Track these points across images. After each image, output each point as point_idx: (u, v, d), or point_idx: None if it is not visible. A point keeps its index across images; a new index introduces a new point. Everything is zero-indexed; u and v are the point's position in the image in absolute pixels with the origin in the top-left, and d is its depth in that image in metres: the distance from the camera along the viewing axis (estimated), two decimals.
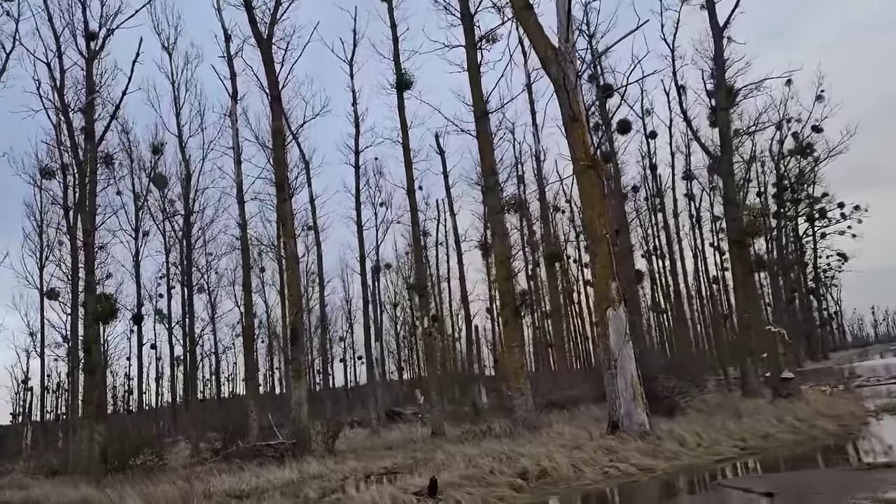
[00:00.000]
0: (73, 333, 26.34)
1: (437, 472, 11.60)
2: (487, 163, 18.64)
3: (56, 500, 12.87)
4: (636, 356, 12.07)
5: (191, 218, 30.41)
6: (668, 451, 9.86)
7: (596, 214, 12.48)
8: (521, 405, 17.15)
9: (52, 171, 28.60)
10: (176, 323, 43.05)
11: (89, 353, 21.18)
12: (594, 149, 12.75)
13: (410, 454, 16.37)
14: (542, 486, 8.92)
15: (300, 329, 19.09)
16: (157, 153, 35.68)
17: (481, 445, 14.45)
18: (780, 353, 15.77)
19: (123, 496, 10.96)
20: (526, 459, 10.32)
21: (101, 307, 20.14)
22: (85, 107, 23.24)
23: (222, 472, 15.53)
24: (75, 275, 26.64)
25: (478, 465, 10.87)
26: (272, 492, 12.66)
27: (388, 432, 25.55)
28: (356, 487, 12.07)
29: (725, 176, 23.10)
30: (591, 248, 12.60)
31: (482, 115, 18.80)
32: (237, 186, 23.84)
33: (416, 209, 22.56)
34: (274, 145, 20.10)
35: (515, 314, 17.63)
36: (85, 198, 21.00)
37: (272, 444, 17.57)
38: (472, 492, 8.69)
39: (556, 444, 11.61)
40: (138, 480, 15.95)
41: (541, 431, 16.18)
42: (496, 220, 18.20)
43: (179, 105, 31.46)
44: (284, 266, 19.06)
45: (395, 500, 8.40)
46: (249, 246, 24.04)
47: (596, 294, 12.48)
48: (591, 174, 12.63)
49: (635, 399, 11.70)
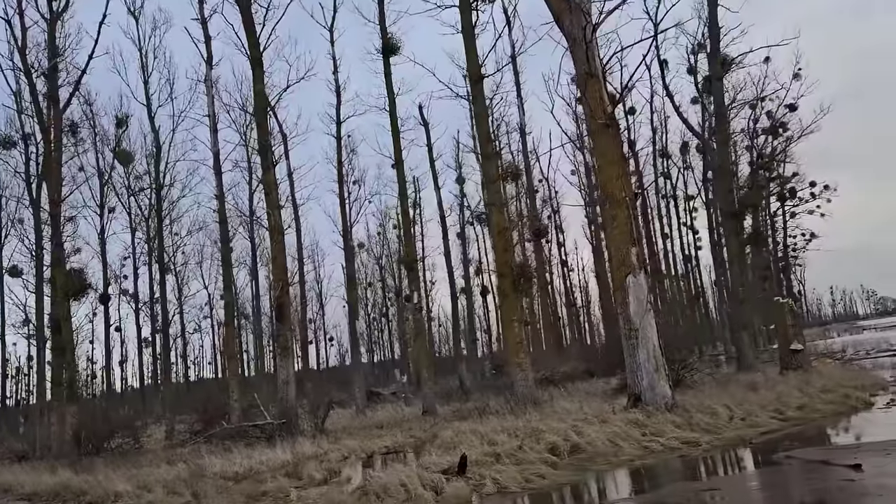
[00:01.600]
0: (38, 312, 24.92)
1: (450, 450, 10.90)
2: (484, 129, 17.78)
3: (32, 486, 11.81)
4: (658, 326, 11.42)
5: (161, 192, 28.98)
6: (705, 424, 9.25)
7: (614, 175, 11.76)
8: (521, 381, 16.48)
9: (13, 140, 26.96)
10: (143, 303, 41.73)
11: (58, 332, 19.94)
12: (611, 107, 11.98)
13: (408, 433, 15.61)
14: (580, 463, 8.22)
15: (287, 304, 18.11)
16: (121, 126, 34.11)
17: (487, 422, 13.76)
18: (789, 324, 15.32)
19: (110, 480, 9.98)
20: (551, 435, 9.62)
21: (70, 282, 18.90)
22: (48, 71, 21.77)
23: (209, 454, 14.60)
24: (39, 249, 25.23)
25: (496, 442, 10.16)
26: (268, 473, 11.82)
27: (373, 412, 24.75)
28: (364, 466, 11.31)
29: (720, 146, 22.64)
30: (607, 211, 11.88)
31: (478, 80, 17.92)
32: (214, 156, 22.60)
33: (404, 181, 21.66)
34: (256, 110, 18.96)
35: (514, 287, 16.89)
36: (51, 165, 19.63)
37: (259, 425, 16.65)
38: (502, 469, 7.95)
39: (574, 419, 10.94)
40: (118, 464, 14.97)
41: (542, 407, 15.57)
42: (494, 188, 17.39)
43: (147, 73, 29.89)
44: (270, 239, 17.95)
45: (422, 479, 7.61)
46: (227, 219, 22.85)
47: (613, 260, 11.78)
48: (609, 133, 11.89)
49: (658, 371, 11.07)
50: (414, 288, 20.79)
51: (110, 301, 38.00)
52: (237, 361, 23.57)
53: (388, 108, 21.75)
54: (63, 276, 18.96)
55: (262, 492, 8.99)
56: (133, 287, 40.69)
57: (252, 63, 18.92)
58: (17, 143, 27.03)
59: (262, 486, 9.60)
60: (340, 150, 25.51)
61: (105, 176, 35.03)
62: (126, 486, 9.26)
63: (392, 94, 21.86)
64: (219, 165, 22.63)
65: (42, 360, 25.11)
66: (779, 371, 15.38)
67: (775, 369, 18.23)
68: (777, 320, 16.23)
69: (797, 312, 16.11)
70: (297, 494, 8.14)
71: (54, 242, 19.22)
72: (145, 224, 36.06)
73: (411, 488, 7.39)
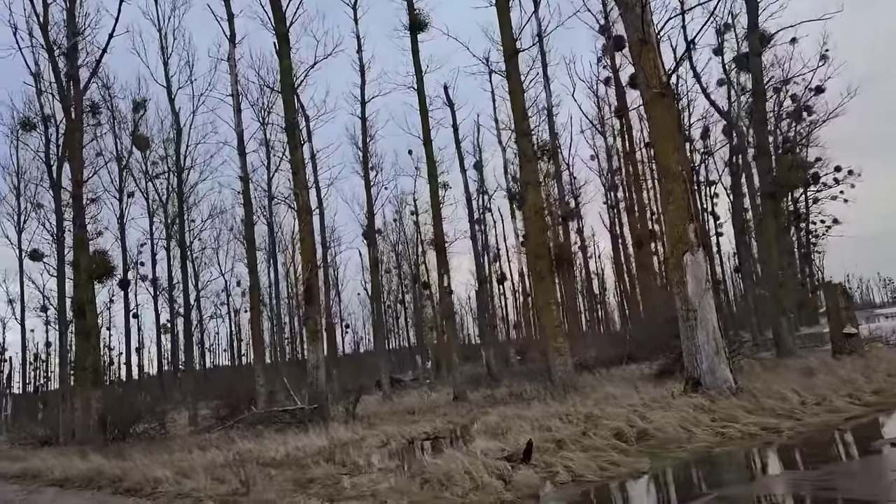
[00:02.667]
0: (59, 296, 24.61)
1: (499, 436, 10.40)
2: (519, 106, 17.16)
3: (62, 471, 11.40)
4: (717, 306, 10.82)
5: (182, 174, 28.54)
6: (779, 409, 8.65)
7: (670, 148, 11.13)
8: (559, 365, 15.95)
9: (34, 122, 26.57)
10: (162, 289, 41.45)
11: (82, 315, 19.58)
12: (667, 76, 11.33)
13: (445, 419, 15.14)
14: (651, 449, 7.65)
15: (315, 286, 17.63)
16: (139, 110, 33.69)
17: (530, 408, 13.25)
18: (842, 307, 14.65)
19: (147, 466, 9.53)
20: (610, 420, 9.09)
21: (95, 264, 18.50)
22: (68, 50, 21.34)
23: (241, 439, 14.20)
24: (60, 232, 24.88)
25: (550, 428, 9.63)
26: (307, 459, 11.36)
27: (399, 398, 24.34)
28: (410, 452, 10.85)
29: (758, 125, 21.90)
30: (663, 185, 11.25)
31: (513, 54, 17.28)
32: (238, 136, 22.14)
33: (433, 160, 21.09)
34: (282, 87, 18.38)
35: (551, 270, 16.31)
36: (73, 144, 19.20)
37: (290, 410, 16.23)
38: (569, 456, 7.40)
39: (630, 404, 10.40)
40: (147, 449, 14.59)
41: (586, 392, 15.04)
42: (530, 167, 16.77)
43: (167, 54, 29.36)
44: (298, 220, 17.45)
45: (486, 466, 7.08)
46: (251, 200, 22.37)
47: (670, 237, 11.16)
48: (665, 102, 11.26)
49: (718, 353, 10.48)
50: (444, 270, 20.25)
51: (129, 286, 37.78)
52: (263, 346, 23.16)
53: (416, 86, 21.18)
54: (87, 258, 18.56)
55: (308, 479, 8.51)
56: (151, 272, 40.41)
57: (278, 39, 18.36)
58: (36, 125, 26.64)
59: (307, 472, 9.13)
60: (365, 130, 24.99)
61: (123, 161, 34.64)
62: (165, 472, 8.80)
63: (420, 71, 21.28)
64: (243, 146, 22.18)
65: (64, 344, 24.83)
66: (831, 355, 14.72)
67: (819, 354, 17.58)
68: (829, 303, 15.55)
69: (850, 295, 15.40)
70: (351, 482, 7.63)
71: (78, 224, 18.81)
72: (163, 210, 35.80)
73: (476, 476, 6.86)
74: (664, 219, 11.45)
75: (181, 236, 27.72)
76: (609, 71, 32.86)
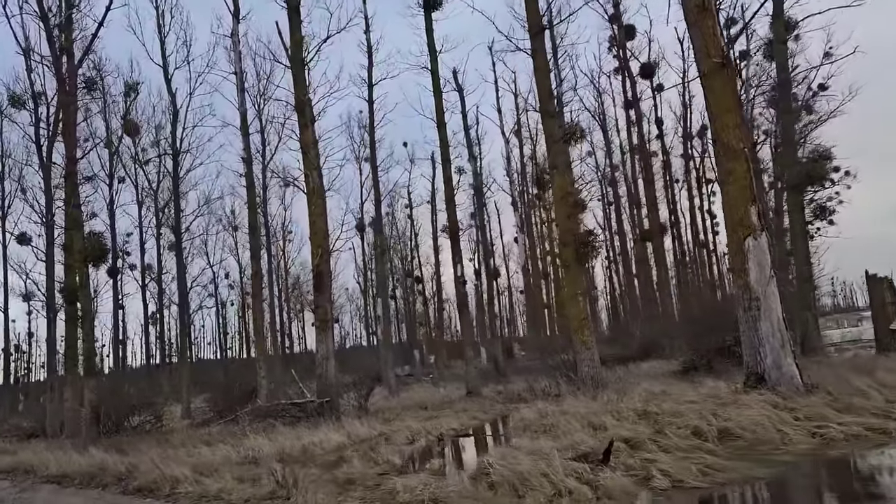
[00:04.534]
0: (48, 281, 23.41)
1: (543, 434, 9.50)
2: (545, 85, 16.24)
3: (58, 467, 10.34)
4: (781, 295, 9.96)
5: (178, 158, 27.33)
6: (871, 408, 7.79)
7: (731, 124, 10.24)
8: (586, 360, 15.04)
9: (23, 99, 25.28)
10: (151, 278, 40.15)
11: (73, 301, 18.44)
12: (727, 44, 10.44)
13: (466, 414, 14.21)
14: (745, 452, 6.75)
15: (326, 273, 16.61)
16: (130, 94, 32.42)
17: (563, 403, 12.36)
18: (888, 301, 13.89)
19: (166, 463, 8.47)
20: (675, 418, 8.21)
21: (90, 246, 17.36)
22: (63, 22, 20.16)
23: (253, 433, 13.18)
24: (50, 214, 23.68)
25: (604, 426, 8.76)
26: (326, 455, 10.42)
27: (405, 393, 23.38)
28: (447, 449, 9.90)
29: (784, 114, 21.10)
30: (722, 164, 10.36)
31: (538, 32, 16.36)
32: (241, 116, 21.05)
33: (446, 144, 20.10)
34: (292, 62, 17.30)
35: (579, 257, 15.40)
36: (69, 119, 18.04)
37: (298, 403, 15.21)
38: (654, 458, 6.50)
39: (687, 401, 9.52)
40: (147, 443, 13.56)
41: (617, 388, 14.17)
42: (557, 149, 15.84)
43: (164, 33, 28.15)
44: (308, 203, 16.43)
45: (565, 468, 6.15)
46: (254, 183, 21.25)
47: (729, 220, 10.26)
48: (725, 74, 10.37)
49: (784, 347, 9.62)
50: (458, 259, 19.30)
51: (119, 275, 36.49)
52: (264, 337, 22.09)
53: (430, 66, 20.19)
54: (81, 239, 17.40)
55: (346, 479, 7.54)
56: (140, 262, 39.11)
57: (289, 11, 17.29)
58: (26, 102, 25.35)
59: (336, 471, 8.17)
60: (372, 113, 23.97)
61: (114, 146, 33.35)
62: (183, 471, 7.77)
63: (434, 51, 20.29)
64: (246, 126, 21.11)
65: (53, 332, 23.63)
66: (875, 352, 13.96)
67: (845, 352, 16.85)
68: (873, 298, 14.77)
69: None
70: (402, 484, 6.66)
71: (72, 204, 17.62)
72: (153, 197, 34.54)
73: (555, 479, 5.92)
74: (723, 200, 10.53)
75: (176, 221, 26.51)
76: (618, 61, 31.97)
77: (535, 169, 42.27)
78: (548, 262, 44.27)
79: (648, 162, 32.04)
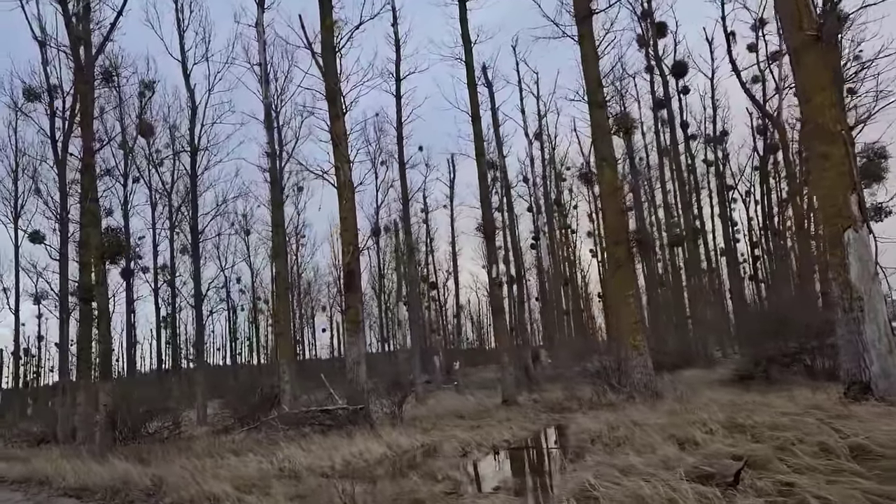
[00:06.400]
0: (62, 280, 22.50)
1: (617, 447, 8.45)
2: (593, 73, 15.24)
3: (76, 478, 9.33)
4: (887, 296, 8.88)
5: (196, 155, 26.46)
6: None
7: (826, 102, 9.20)
8: (638, 367, 13.97)
9: (38, 93, 24.48)
10: (163, 282, 39.25)
11: (89, 300, 17.48)
12: (822, 16, 9.42)
13: (510, 424, 13.10)
14: None
15: (357, 272, 15.60)
16: (145, 94, 31.62)
17: (620, 413, 11.33)
18: None
19: (202, 476, 7.45)
20: (781, 432, 7.14)
21: (107, 242, 16.44)
22: (81, 10, 19.33)
23: (281, 442, 12.16)
24: (65, 211, 22.79)
25: (694, 440, 7.70)
26: (371, 469, 9.37)
27: (432, 400, 22.34)
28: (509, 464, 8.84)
29: None
30: (815, 148, 9.30)
31: (586, 16, 15.38)
32: (265, 109, 20.13)
33: (481, 139, 19.08)
34: (323, 49, 16.35)
35: (630, 256, 14.37)
36: (87, 108, 17.15)
37: (329, 410, 14.18)
38: (788, 480, 5.44)
39: (786, 412, 8.44)
40: (168, 451, 12.56)
41: (676, 398, 13.12)
42: (606, 141, 14.83)
43: (183, 27, 27.35)
44: (339, 197, 15.45)
45: (698, 493, 5.09)
46: (279, 179, 20.29)
47: (825, 211, 9.21)
48: (818, 49, 9.33)
49: (892, 353, 8.55)
50: (493, 260, 18.26)
51: (133, 277, 35.57)
52: (289, 339, 21.07)
53: (465, 58, 19.20)
54: (98, 234, 16.48)
55: (413, 500, 6.51)
56: (153, 263, 38.20)
57: None
58: (41, 95, 24.55)
59: (394, 487, 7.15)
60: (400, 108, 23.01)
61: (129, 145, 32.49)
62: (224, 487, 6.74)
63: (469, 42, 19.31)
64: (270, 120, 20.20)
65: (65, 333, 22.70)
66: None
67: None
68: None
69: None
70: None
71: (89, 198, 16.68)
72: (167, 198, 33.65)
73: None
74: (815, 189, 9.47)
75: (193, 220, 25.60)
76: (647, 60, 30.95)
77: (553, 172, 41.44)
78: (566, 268, 43.29)
79: (679, 164, 30.94)
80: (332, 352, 64.78)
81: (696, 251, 29.90)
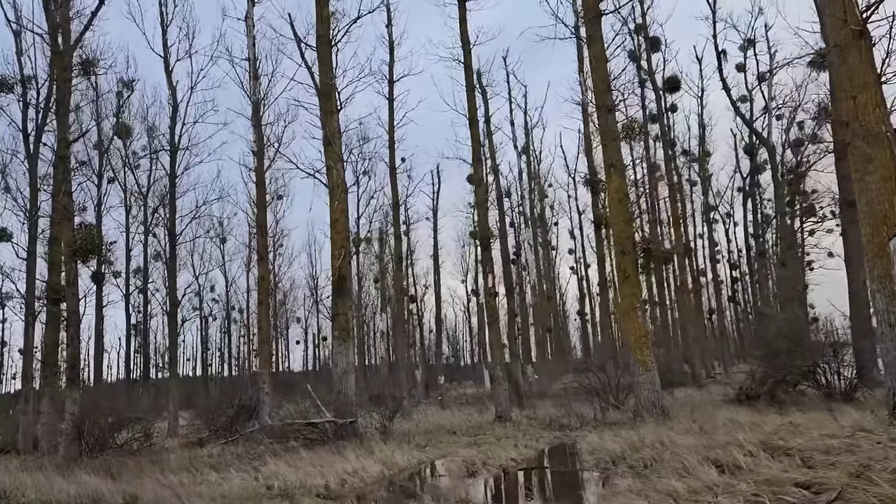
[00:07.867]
0: (29, 279, 21.27)
1: (647, 468, 7.70)
2: (601, 76, 14.61)
3: (38, 493, 8.30)
4: None
5: (176, 154, 25.38)
6: None
7: (869, 102, 8.60)
8: (646, 384, 13.22)
9: (11, 83, 23.31)
10: (136, 288, 37.85)
11: (58, 301, 16.37)
12: (867, 10, 8.82)
13: (511, 441, 12.24)
14: None
15: (348, 277, 14.68)
16: (123, 93, 30.52)
17: (626, 432, 10.56)
18: None
19: (176, 494, 6.51)
20: (830, 456, 6.48)
21: (80, 239, 15.38)
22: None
23: (264, 457, 11.20)
24: (35, 208, 21.60)
25: (736, 465, 6.99)
26: (368, 489, 8.49)
27: (417, 415, 21.35)
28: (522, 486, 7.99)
29: (836, 125, 19.64)
30: (857, 150, 8.67)
31: (595, 17, 14.78)
32: (253, 105, 19.26)
33: (478, 142, 18.32)
34: (318, 42, 15.54)
35: (637, 267, 13.66)
36: (62, 97, 16.14)
37: (316, 423, 13.22)
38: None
39: (826, 433, 7.77)
40: (140, 465, 11.52)
41: (688, 417, 12.41)
42: (614, 147, 14.18)
43: (167, 21, 26.35)
44: (330, 198, 14.60)
45: None
46: (265, 181, 19.31)
47: (868, 217, 8.55)
48: (863, 45, 8.74)
49: None
50: (489, 270, 17.47)
51: (104, 281, 34.14)
52: (270, 348, 19.99)
53: (464, 60, 18.52)
54: (70, 231, 15.42)
55: None
56: (125, 269, 36.75)
57: None
58: (14, 86, 23.37)
59: None
60: (392, 112, 22.22)
61: (104, 145, 31.21)
62: None
63: (468, 43, 18.64)
64: (258, 117, 19.30)
65: (31, 337, 21.43)
66: None
67: None
68: None
69: None
70: None
71: (63, 191, 15.61)
72: (143, 201, 32.41)
73: None
74: (858, 195, 8.81)
75: (171, 223, 24.47)
76: (644, 74, 30.54)
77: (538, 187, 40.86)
78: (547, 285, 42.71)
79: (672, 180, 30.53)
80: (304, 365, 63.48)
81: (684, 269, 29.39)
